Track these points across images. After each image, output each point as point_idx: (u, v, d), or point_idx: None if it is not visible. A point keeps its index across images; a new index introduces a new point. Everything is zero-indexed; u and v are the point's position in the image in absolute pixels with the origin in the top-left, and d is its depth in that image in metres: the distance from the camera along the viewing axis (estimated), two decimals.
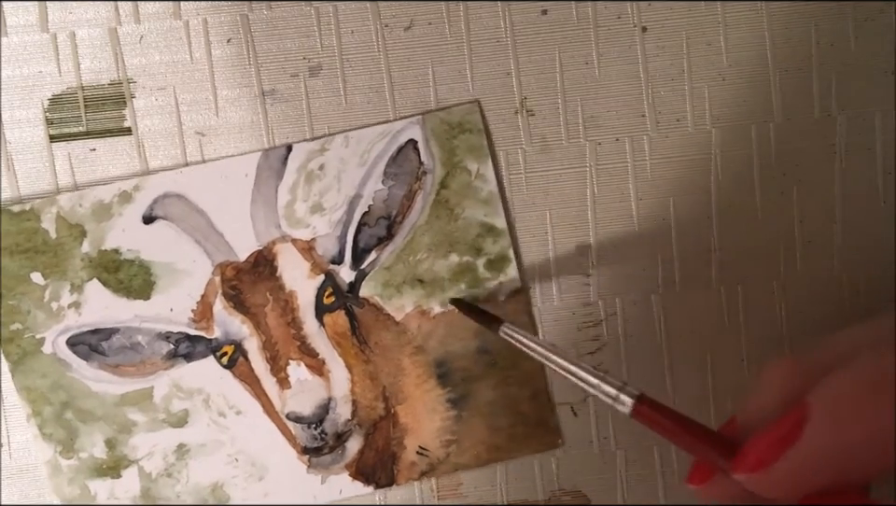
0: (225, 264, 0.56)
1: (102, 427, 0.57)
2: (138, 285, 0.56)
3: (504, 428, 0.59)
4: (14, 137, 0.56)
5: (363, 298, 0.57)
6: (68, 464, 0.57)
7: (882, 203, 0.58)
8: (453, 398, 0.58)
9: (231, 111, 0.56)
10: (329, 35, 0.56)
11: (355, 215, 0.56)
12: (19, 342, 0.56)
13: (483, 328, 0.56)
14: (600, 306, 0.59)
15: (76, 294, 0.56)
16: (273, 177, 0.56)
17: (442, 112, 0.56)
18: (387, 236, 0.57)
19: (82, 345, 0.56)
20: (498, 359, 0.58)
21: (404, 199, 0.56)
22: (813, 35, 0.57)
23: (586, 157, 0.58)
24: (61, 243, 0.55)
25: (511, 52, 0.57)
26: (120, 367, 0.56)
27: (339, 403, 0.58)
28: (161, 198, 0.56)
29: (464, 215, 0.57)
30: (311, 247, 0.56)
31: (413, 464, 0.59)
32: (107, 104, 0.56)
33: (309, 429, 0.58)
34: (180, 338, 0.57)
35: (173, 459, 0.58)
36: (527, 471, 0.60)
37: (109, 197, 0.56)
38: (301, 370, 0.57)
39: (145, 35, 0.56)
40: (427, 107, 0.56)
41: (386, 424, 0.58)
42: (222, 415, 0.57)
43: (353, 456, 0.58)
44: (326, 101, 0.57)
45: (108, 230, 0.56)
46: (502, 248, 0.57)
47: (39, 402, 0.56)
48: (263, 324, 0.56)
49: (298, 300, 0.57)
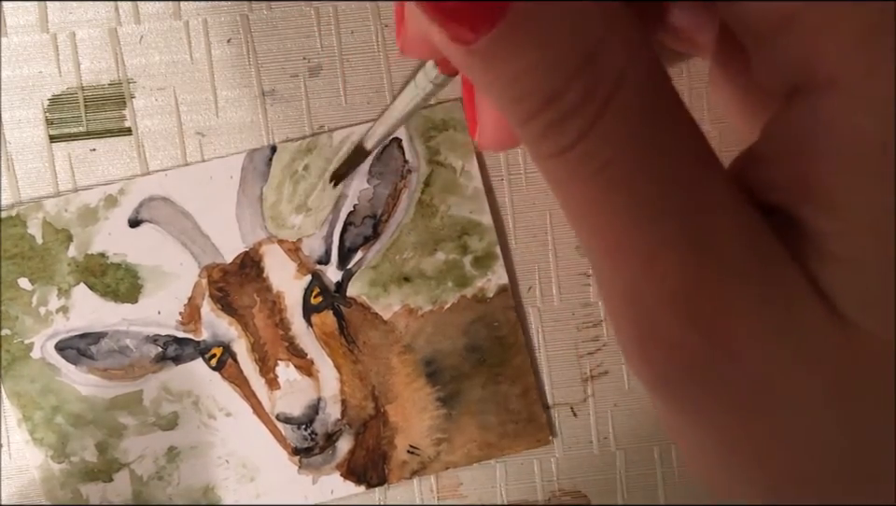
0: (212, 266, 0.56)
1: (92, 431, 0.57)
2: (125, 288, 0.56)
3: (494, 425, 0.58)
4: (14, 137, 0.56)
5: (350, 297, 0.57)
6: (60, 468, 0.57)
7: None
8: (442, 396, 0.58)
9: (231, 111, 0.57)
10: (329, 35, 0.56)
11: (340, 214, 0.56)
12: (7, 347, 0.56)
13: (471, 326, 0.56)
14: (600, 306, 0.59)
15: (63, 299, 0.56)
16: (257, 178, 0.56)
17: (426, 110, 0.56)
18: (373, 235, 0.57)
19: (71, 350, 0.56)
20: (487, 357, 0.58)
21: (389, 197, 0.56)
22: None
23: None
24: (47, 248, 0.56)
25: None
26: (109, 371, 0.57)
27: (328, 403, 0.57)
28: (146, 201, 0.56)
29: (449, 212, 0.57)
30: (297, 248, 0.56)
31: (404, 463, 0.58)
32: (107, 104, 0.56)
33: (299, 430, 0.57)
34: (168, 341, 0.57)
35: (163, 462, 0.58)
36: (527, 472, 0.59)
37: (95, 201, 0.56)
38: (290, 371, 0.57)
39: (145, 35, 0.56)
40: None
41: (376, 423, 0.58)
42: (212, 417, 0.57)
43: (343, 455, 0.58)
44: (326, 101, 0.57)
45: (94, 234, 0.56)
46: (489, 245, 0.57)
47: (29, 407, 0.56)
48: (251, 325, 0.57)
49: (285, 300, 0.57)
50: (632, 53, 0.26)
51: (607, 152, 0.26)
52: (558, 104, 0.26)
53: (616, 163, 0.26)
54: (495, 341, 0.57)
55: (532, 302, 0.58)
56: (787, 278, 0.27)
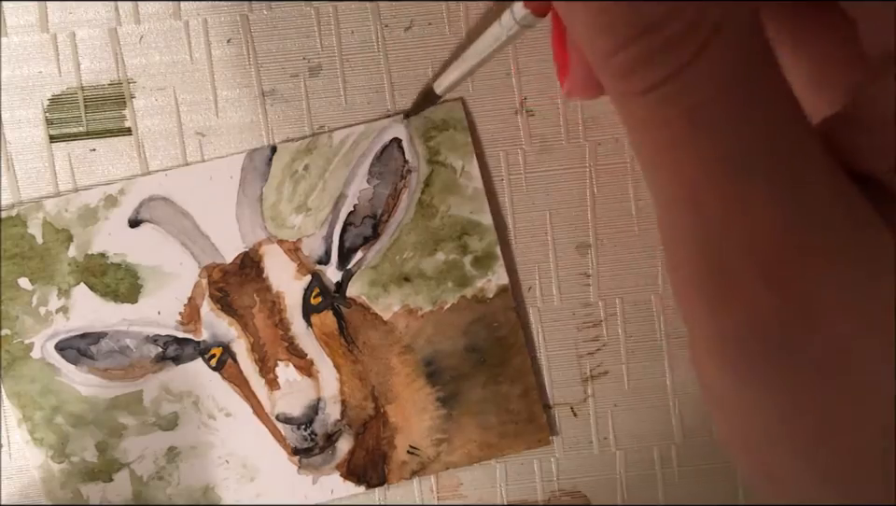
0: (212, 266, 0.56)
1: (92, 431, 0.57)
2: (125, 288, 0.56)
3: (494, 425, 0.58)
4: (14, 137, 0.56)
5: (350, 298, 0.57)
6: (60, 468, 0.57)
7: None
8: (442, 396, 0.58)
9: (231, 111, 0.57)
10: (329, 35, 0.56)
11: (340, 214, 0.56)
12: (7, 347, 0.56)
13: (471, 326, 0.56)
14: (600, 306, 0.59)
15: (63, 299, 0.56)
16: (257, 178, 0.56)
17: (426, 110, 0.56)
18: (373, 235, 0.57)
19: (71, 350, 0.56)
20: (487, 357, 0.58)
21: (389, 198, 0.56)
22: None
23: (586, 157, 0.57)
24: (47, 248, 0.56)
25: (511, 52, 0.57)
26: (109, 371, 0.57)
27: (328, 404, 0.57)
28: (146, 201, 0.56)
29: (450, 213, 0.57)
30: (297, 248, 0.56)
31: (403, 463, 0.58)
32: (107, 104, 0.56)
33: (299, 430, 0.57)
34: (168, 341, 0.57)
35: (163, 462, 0.58)
36: (527, 472, 0.59)
37: (95, 201, 0.56)
38: (290, 371, 0.57)
39: (145, 35, 0.56)
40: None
41: (376, 424, 0.58)
42: (212, 418, 0.57)
43: (343, 456, 0.58)
44: (326, 101, 0.57)
45: (95, 234, 0.56)
46: (489, 245, 0.57)
47: (30, 407, 0.57)
48: (251, 325, 0.57)
49: (285, 301, 0.57)
50: (732, 5, 0.25)
51: (699, 94, 0.25)
52: (654, 36, 0.25)
53: (708, 107, 0.26)
54: (495, 341, 0.57)
55: (532, 302, 0.58)
56: (879, 245, 0.26)
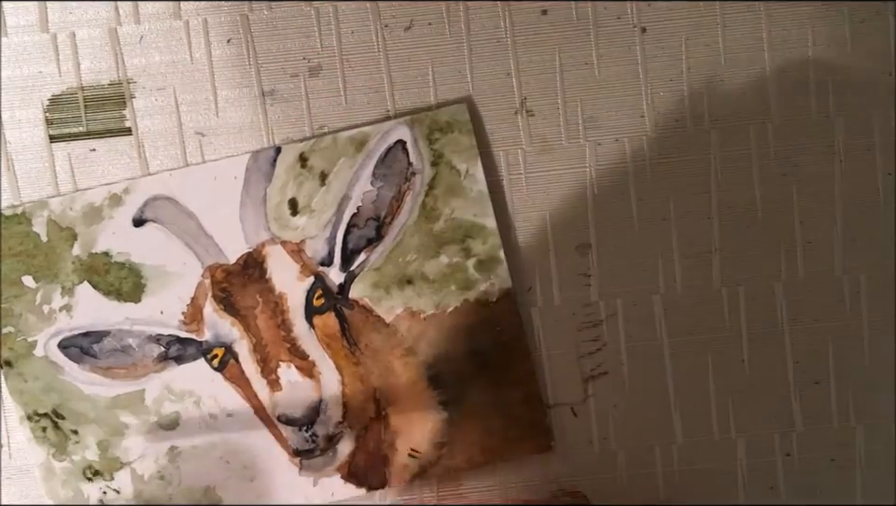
0: (215, 267, 0.56)
1: (94, 429, 0.57)
2: (129, 288, 0.56)
3: (496, 430, 0.58)
4: (14, 137, 0.56)
5: (353, 299, 0.57)
6: (61, 467, 0.57)
7: (882, 204, 0.58)
8: (444, 400, 0.58)
9: (231, 111, 0.57)
10: (329, 35, 0.56)
11: (344, 216, 0.56)
12: (11, 345, 0.56)
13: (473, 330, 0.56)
14: (600, 306, 0.59)
15: (67, 297, 0.56)
16: (261, 179, 0.56)
17: (431, 112, 0.56)
18: (377, 237, 0.57)
19: (74, 348, 0.56)
20: (490, 362, 0.58)
21: (393, 200, 0.56)
22: (810, 36, 0.57)
23: (586, 157, 0.58)
24: (52, 246, 0.56)
25: (511, 52, 0.57)
26: (112, 369, 0.57)
27: (329, 405, 0.57)
28: (150, 201, 0.56)
29: (453, 215, 0.57)
30: (300, 249, 0.56)
31: (404, 466, 0.58)
32: (107, 104, 0.56)
33: (300, 432, 0.58)
34: (171, 340, 0.57)
35: (164, 461, 0.58)
36: (527, 472, 0.60)
37: (100, 200, 0.56)
38: (292, 372, 0.57)
39: (145, 35, 0.56)
40: (427, 108, 0.56)
41: (378, 426, 0.58)
42: (213, 418, 0.57)
43: (344, 458, 0.58)
44: (326, 101, 0.57)
45: (99, 233, 0.56)
46: (492, 249, 0.57)
47: (32, 405, 0.57)
48: (253, 326, 0.57)
49: (288, 302, 0.57)
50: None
51: None
52: None
53: None
54: (497, 345, 0.57)
55: (532, 303, 0.58)
56: None
